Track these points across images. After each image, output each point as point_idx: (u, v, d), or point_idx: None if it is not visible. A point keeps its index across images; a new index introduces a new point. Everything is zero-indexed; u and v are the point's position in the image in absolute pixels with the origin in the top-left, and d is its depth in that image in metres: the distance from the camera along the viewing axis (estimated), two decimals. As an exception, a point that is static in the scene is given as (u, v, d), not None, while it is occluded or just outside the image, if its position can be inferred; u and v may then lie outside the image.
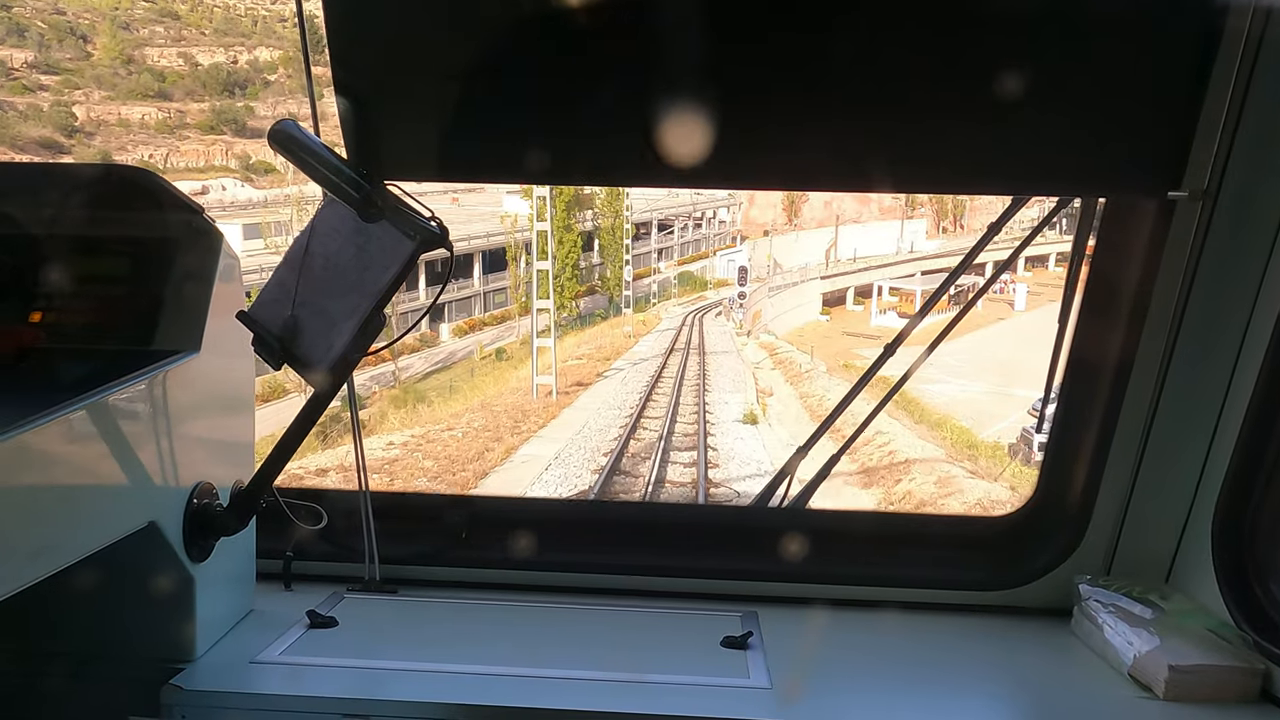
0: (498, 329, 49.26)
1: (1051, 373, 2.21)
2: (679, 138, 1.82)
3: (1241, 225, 1.93)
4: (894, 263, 57.43)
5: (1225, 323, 1.99)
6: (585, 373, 37.70)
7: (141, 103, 78.00)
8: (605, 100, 1.82)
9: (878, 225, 67.35)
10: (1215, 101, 1.82)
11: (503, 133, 1.88)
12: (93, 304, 1.87)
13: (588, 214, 53.45)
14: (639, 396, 31.01)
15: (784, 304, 50.11)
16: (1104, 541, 2.24)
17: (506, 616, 2.24)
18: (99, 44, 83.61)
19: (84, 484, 1.58)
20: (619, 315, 51.35)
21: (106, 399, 1.60)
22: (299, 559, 2.32)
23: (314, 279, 1.82)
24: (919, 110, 1.79)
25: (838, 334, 46.37)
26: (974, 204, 60.51)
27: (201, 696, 1.82)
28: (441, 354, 44.18)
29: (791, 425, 26.28)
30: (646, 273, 62.03)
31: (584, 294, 53.54)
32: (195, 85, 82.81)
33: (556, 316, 50.09)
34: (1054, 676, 2.03)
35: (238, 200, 64.89)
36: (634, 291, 56.43)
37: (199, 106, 79.59)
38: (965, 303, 2.42)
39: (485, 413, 30.23)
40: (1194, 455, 2.09)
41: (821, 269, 56.78)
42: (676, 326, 50.79)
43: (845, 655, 2.10)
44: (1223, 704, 1.87)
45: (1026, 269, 52.92)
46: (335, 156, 1.73)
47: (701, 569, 2.35)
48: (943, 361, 34.81)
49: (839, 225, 63.47)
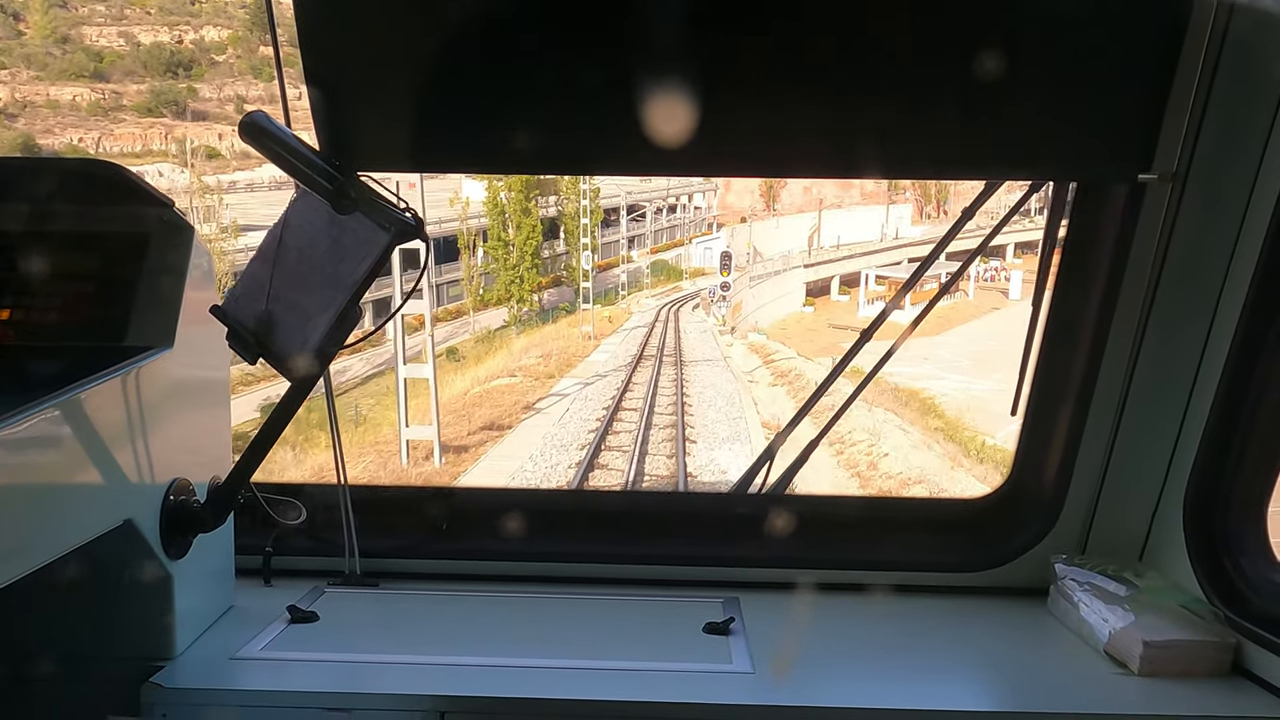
0: (451, 325, 45.79)
1: (1026, 356, 2.34)
2: (654, 125, 1.92)
3: (1211, 206, 2.06)
4: (879, 249, 56.88)
5: (1195, 304, 2.12)
6: (508, 404, 29.05)
7: (73, 83, 76.00)
8: (580, 89, 1.91)
9: (861, 210, 66.69)
10: (1183, 85, 1.95)
11: (477, 122, 1.96)
12: (63, 300, 1.92)
13: (551, 199, 50.91)
14: (581, 455, 21.30)
15: (765, 295, 49.06)
16: (1079, 521, 2.39)
17: (488, 608, 2.35)
18: (31, 22, 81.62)
19: (57, 482, 1.64)
20: (585, 309, 46.34)
21: (79, 396, 1.66)
22: (279, 554, 2.41)
23: (288, 272, 1.90)
24: (893, 96, 1.90)
25: (823, 326, 44.83)
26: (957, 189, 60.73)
27: (182, 694, 1.89)
28: (385, 354, 36.46)
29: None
30: (615, 262, 59.69)
31: (548, 285, 51.12)
32: (135, 65, 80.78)
33: (517, 311, 46.87)
34: (1031, 655, 2.16)
35: (176, 188, 63.60)
36: (599, 283, 52.21)
37: (137, 88, 77.76)
38: (943, 289, 2.55)
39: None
40: (1166, 435, 2.23)
41: (804, 257, 55.91)
42: (648, 324, 45.76)
43: (825, 638, 2.21)
44: (1196, 678, 2.00)
45: (1017, 256, 53.27)
46: (307, 148, 1.80)
47: (683, 556, 2.47)
48: (939, 355, 33.94)
49: (822, 210, 62.71)
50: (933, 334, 38.94)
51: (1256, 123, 1.94)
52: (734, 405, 27.81)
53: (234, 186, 53.93)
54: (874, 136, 1.94)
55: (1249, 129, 1.96)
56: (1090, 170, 2.10)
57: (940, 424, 26.59)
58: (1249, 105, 1.95)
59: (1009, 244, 51.51)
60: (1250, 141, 1.96)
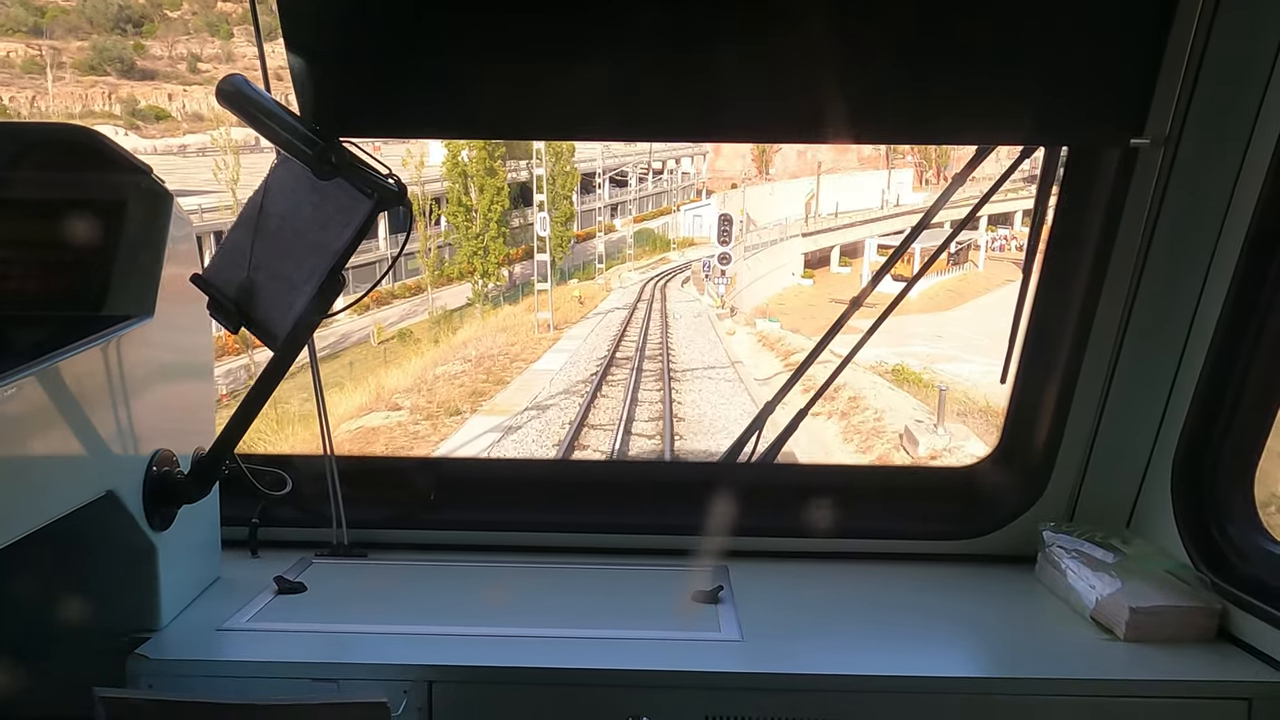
0: (408, 303, 41.82)
1: (1016, 322, 2.45)
2: (641, 89, 2.00)
3: (1202, 171, 2.15)
4: (881, 217, 54.52)
5: (1186, 270, 2.22)
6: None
7: (7, 39, 73.62)
8: (564, 53, 1.98)
9: (859, 176, 65.00)
10: (1177, 49, 2.03)
11: (460, 87, 2.04)
12: (40, 269, 1.99)
13: (522, 164, 45.55)
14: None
15: (761, 267, 46.95)
16: (1067, 489, 2.52)
17: (476, 578, 2.46)
18: (-38, -27, 79.38)
19: (36, 454, 1.70)
20: (543, 290, 38.38)
21: (57, 366, 1.72)
22: (266, 526, 2.51)
23: (270, 240, 1.97)
24: (884, 60, 1.98)
25: (824, 301, 42.23)
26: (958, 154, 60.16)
27: (168, 665, 1.99)
28: (333, 336, 34.18)
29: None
30: (594, 232, 54.21)
31: (520, 258, 46.42)
32: (80, 21, 78.44)
33: (482, 287, 41.26)
34: (1019, 621, 2.28)
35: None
36: (577, 255, 48.53)
37: (79, 44, 75.15)
38: (932, 257, 2.66)
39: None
40: (1155, 403, 2.34)
41: (802, 225, 53.11)
42: (629, 305, 37.65)
43: (815, 606, 2.34)
44: (1182, 644, 2.12)
45: (1024, 224, 53.03)
46: (287, 112, 1.86)
47: (671, 525, 2.58)
48: (953, 333, 32.17)
49: (820, 175, 60.76)
50: (945, 308, 37.99)
51: (1250, 87, 2.02)
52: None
53: (184, 150, 52.49)
54: (864, 101, 2.02)
55: (1242, 93, 2.03)
56: (1082, 135, 2.18)
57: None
58: (1242, 69, 2.03)
59: (1016, 211, 51.31)
60: (1243, 106, 2.03)
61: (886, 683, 2.02)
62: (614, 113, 2.08)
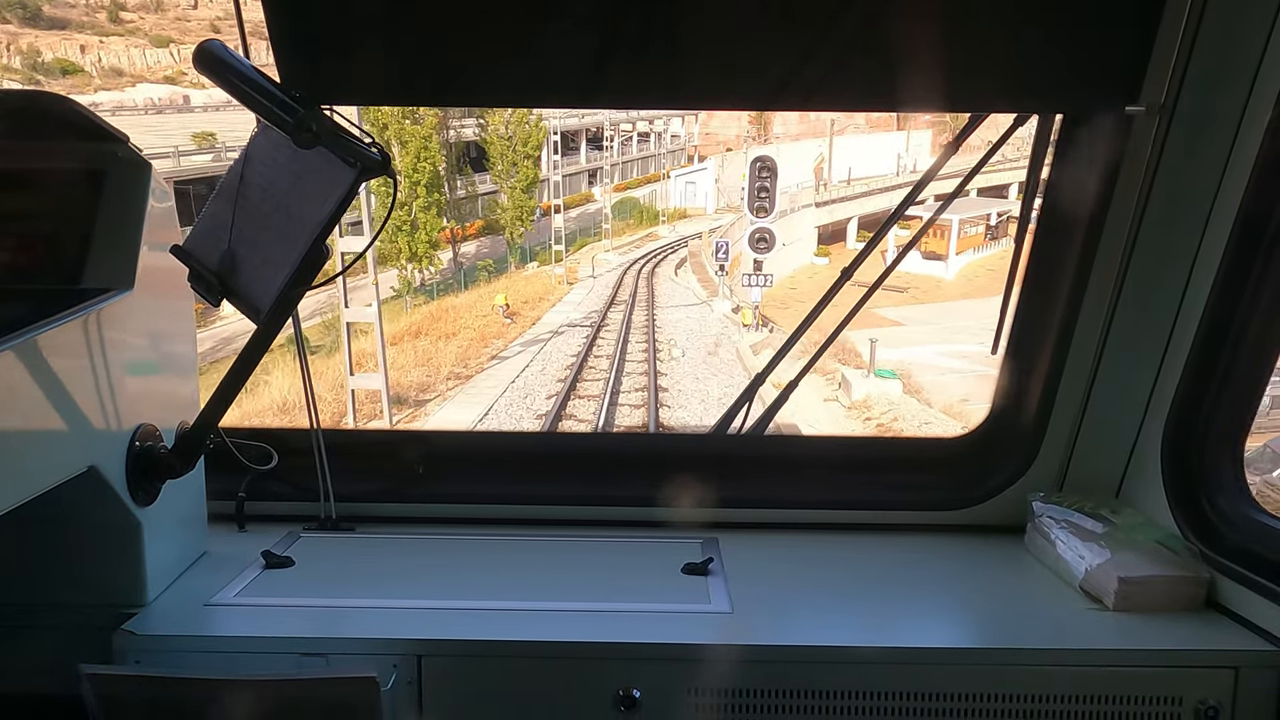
0: (315, 299, 32.70)
1: (1007, 293, 2.48)
2: (630, 53, 2.01)
3: (1197, 140, 2.17)
4: (899, 185, 47.44)
5: (1179, 240, 2.25)
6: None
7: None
8: (549, 17, 1.98)
9: (869, 138, 60.27)
10: (1173, 15, 2.04)
11: (443, 52, 2.03)
12: (15, 242, 1.99)
13: (469, 120, 39.49)
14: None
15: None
16: (1057, 459, 2.57)
17: (465, 551, 2.50)
18: None
19: (14, 429, 1.71)
20: (516, 270, 32.50)
21: (35, 340, 1.73)
22: (253, 500, 2.54)
23: (251, 211, 1.97)
24: (877, 27, 1.98)
25: (844, 285, 38.68)
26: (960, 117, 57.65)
27: (154, 641, 2.02)
28: (215, 337, 25.73)
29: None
30: (576, 200, 47.73)
31: (473, 235, 39.91)
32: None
33: (410, 275, 35.00)
34: (1008, 592, 2.34)
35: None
36: (541, 231, 40.80)
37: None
38: (924, 226, 2.69)
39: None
40: (1146, 372, 2.38)
41: (813, 194, 48.04)
42: (599, 309, 27.10)
43: (804, 578, 2.39)
44: (1170, 613, 2.17)
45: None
46: (267, 79, 1.85)
47: (661, 497, 2.61)
48: (970, 327, 29.63)
49: (832, 137, 54.97)
50: (991, 293, 34.94)
51: (1246, 54, 2.03)
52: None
53: (97, 109, 50.17)
54: (859, 68, 2.03)
55: (1238, 60, 2.05)
56: (1076, 102, 2.19)
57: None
58: (1239, 36, 2.04)
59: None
60: (1239, 74, 2.05)
61: (877, 653, 2.06)
62: (599, 78, 2.07)
